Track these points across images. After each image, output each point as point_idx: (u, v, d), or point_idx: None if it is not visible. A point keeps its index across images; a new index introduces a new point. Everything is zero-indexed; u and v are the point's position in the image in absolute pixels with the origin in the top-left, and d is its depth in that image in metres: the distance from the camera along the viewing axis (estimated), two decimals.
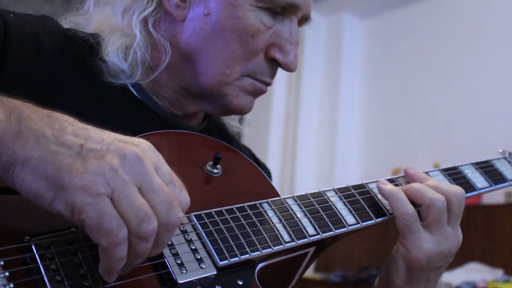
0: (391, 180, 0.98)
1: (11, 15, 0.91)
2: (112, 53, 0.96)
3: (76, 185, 0.57)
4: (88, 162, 0.59)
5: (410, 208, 0.89)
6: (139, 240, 0.60)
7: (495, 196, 3.81)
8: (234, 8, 0.94)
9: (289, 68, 1.00)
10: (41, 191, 0.58)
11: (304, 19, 1.03)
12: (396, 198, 0.90)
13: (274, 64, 1.01)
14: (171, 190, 0.63)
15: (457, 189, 0.93)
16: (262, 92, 1.03)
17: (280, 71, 1.05)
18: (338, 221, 0.88)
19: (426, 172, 1.03)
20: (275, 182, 0.95)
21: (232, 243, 0.76)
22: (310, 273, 4.56)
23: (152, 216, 0.60)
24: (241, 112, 1.03)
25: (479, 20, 4.44)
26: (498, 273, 3.71)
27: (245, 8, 0.94)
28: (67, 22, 1.04)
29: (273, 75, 1.03)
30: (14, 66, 0.87)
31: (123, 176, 0.59)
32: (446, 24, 4.68)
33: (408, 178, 0.98)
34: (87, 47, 0.97)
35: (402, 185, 0.97)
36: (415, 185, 0.93)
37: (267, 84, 1.02)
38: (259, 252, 0.77)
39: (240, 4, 0.94)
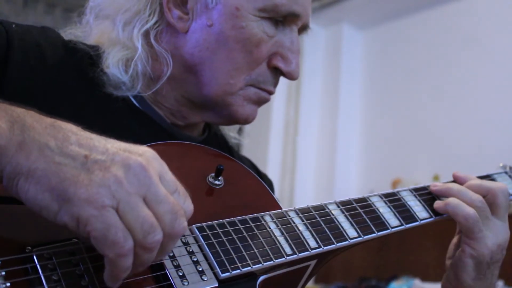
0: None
1: (13, 25, 0.91)
2: (113, 65, 0.96)
3: (81, 198, 0.57)
4: (93, 174, 0.59)
5: (470, 210, 0.97)
6: (144, 251, 0.61)
7: None
8: (237, 18, 0.95)
9: (292, 77, 1.01)
10: (46, 203, 0.58)
11: (303, 28, 1.04)
12: (454, 205, 0.99)
13: (276, 73, 1.02)
14: (175, 199, 0.63)
15: (501, 185, 1.03)
16: (265, 100, 1.04)
17: (279, 82, 1.05)
18: (340, 234, 0.88)
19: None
20: (275, 193, 0.95)
21: (233, 255, 0.76)
22: (310, 284, 4.54)
23: (157, 227, 0.60)
24: (246, 121, 1.03)
25: (478, 31, 4.45)
26: (499, 284, 3.69)
27: (248, 19, 0.95)
28: (67, 34, 1.04)
29: (276, 83, 1.03)
30: (17, 76, 0.87)
31: (128, 187, 0.59)
32: (445, 35, 4.69)
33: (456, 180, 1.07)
34: (87, 59, 0.98)
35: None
36: (454, 186, 1.03)
37: (270, 92, 1.03)
38: (260, 265, 0.77)
39: (243, 14, 0.95)
